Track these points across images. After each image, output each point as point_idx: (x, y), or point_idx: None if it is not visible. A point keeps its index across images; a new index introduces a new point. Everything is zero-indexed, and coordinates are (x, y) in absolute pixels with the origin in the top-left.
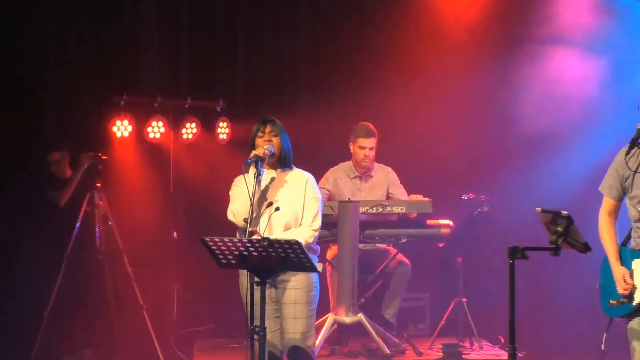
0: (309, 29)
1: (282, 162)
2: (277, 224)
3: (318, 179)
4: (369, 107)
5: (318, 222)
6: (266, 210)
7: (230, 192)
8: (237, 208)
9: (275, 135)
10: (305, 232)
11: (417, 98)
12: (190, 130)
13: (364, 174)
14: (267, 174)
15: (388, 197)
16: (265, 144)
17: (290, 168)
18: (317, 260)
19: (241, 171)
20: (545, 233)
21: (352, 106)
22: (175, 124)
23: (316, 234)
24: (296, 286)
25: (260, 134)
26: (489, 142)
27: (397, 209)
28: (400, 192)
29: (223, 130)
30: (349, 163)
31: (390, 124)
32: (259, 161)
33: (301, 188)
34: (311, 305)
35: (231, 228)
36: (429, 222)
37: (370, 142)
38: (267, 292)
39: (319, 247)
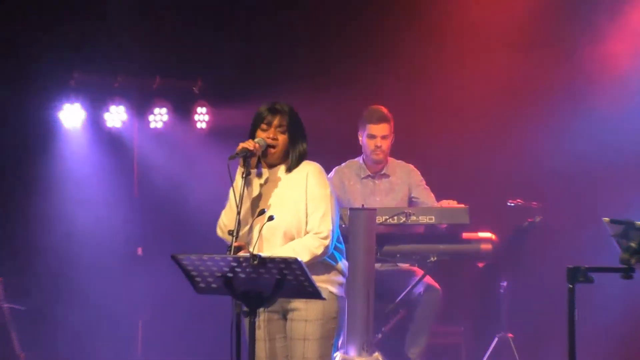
0: None
1: (290, 162)
2: (275, 236)
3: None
4: (387, 92)
5: (328, 225)
6: (258, 220)
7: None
8: (224, 220)
9: (284, 132)
10: (310, 243)
11: (448, 82)
12: (159, 117)
13: (378, 172)
14: (263, 174)
15: (411, 203)
16: (268, 141)
17: (297, 167)
18: (344, 277)
19: (237, 171)
20: (615, 249)
21: (364, 91)
22: (140, 109)
23: (327, 242)
24: (307, 317)
25: (264, 125)
26: (539, 137)
27: (424, 219)
28: (426, 196)
29: (202, 117)
30: (358, 160)
31: (413, 113)
32: (248, 157)
33: (302, 184)
34: (327, 342)
35: (219, 244)
36: (465, 235)
37: (382, 129)
38: (275, 324)
39: (343, 251)
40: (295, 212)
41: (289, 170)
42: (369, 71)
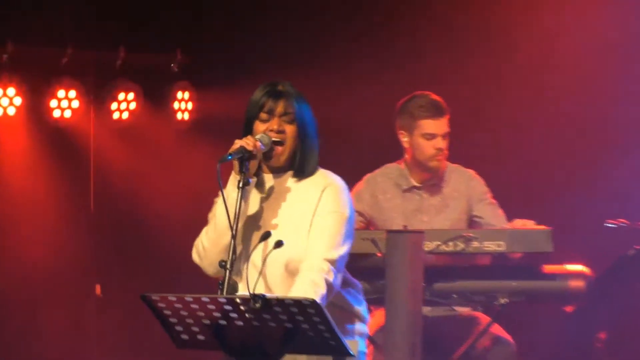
0: None
1: (299, 166)
2: (274, 267)
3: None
4: (423, 73)
5: (338, 250)
6: (260, 245)
7: (210, 214)
8: (205, 242)
9: (291, 122)
10: (313, 274)
11: (510, 64)
12: (125, 105)
13: (427, 181)
14: (266, 182)
15: (472, 224)
16: (273, 136)
17: (311, 173)
18: (366, 321)
19: (220, 177)
20: None
21: (393, 72)
22: (99, 93)
23: (331, 277)
24: None
25: (263, 115)
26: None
27: (490, 245)
28: (493, 214)
29: (183, 104)
30: (397, 165)
31: (459, 103)
32: (246, 159)
33: (313, 200)
34: None
35: (208, 280)
36: (548, 268)
37: (442, 125)
38: None
39: (359, 288)
40: (302, 236)
41: (300, 176)
42: (416, 46)
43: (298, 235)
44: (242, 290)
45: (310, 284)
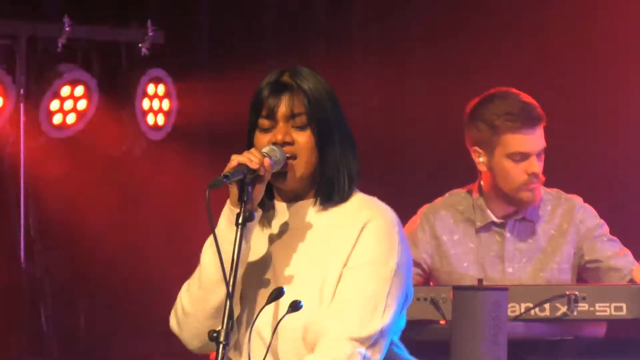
0: None
1: (323, 190)
2: (289, 337)
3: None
4: (480, 62)
5: (374, 323)
6: (269, 306)
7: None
8: (185, 303)
9: (303, 127)
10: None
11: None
12: (70, 102)
13: (514, 216)
14: (276, 214)
15: (586, 272)
16: (273, 150)
17: (343, 199)
18: None
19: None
20: None
21: (446, 59)
22: (32, 87)
23: (368, 353)
24: None
25: (263, 121)
26: None
27: (603, 309)
28: (615, 254)
29: (156, 103)
30: (468, 193)
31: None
32: (248, 183)
33: (348, 241)
34: None
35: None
36: None
37: (536, 141)
38: None
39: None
40: (327, 294)
41: (326, 204)
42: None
43: (322, 292)
44: None
45: None
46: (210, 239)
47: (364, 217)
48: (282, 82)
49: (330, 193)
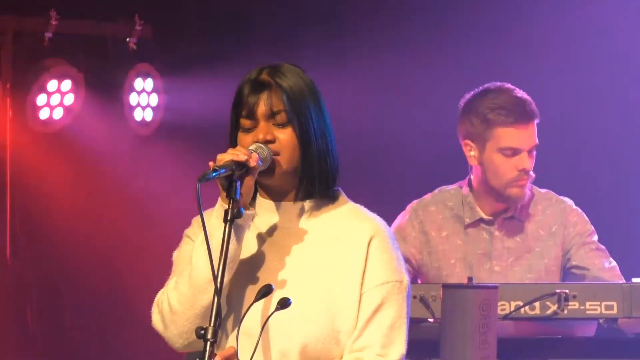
0: None
1: (304, 184)
2: (283, 344)
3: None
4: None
5: (399, 347)
6: (258, 303)
7: (174, 257)
8: (173, 302)
9: (283, 124)
10: None
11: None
12: (57, 97)
13: (500, 213)
14: (264, 212)
15: (569, 276)
16: (260, 148)
17: (331, 199)
18: None
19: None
20: None
21: (447, 55)
22: (18, 81)
23: None
24: None
25: (244, 121)
26: None
27: (594, 307)
28: (598, 265)
29: (144, 98)
30: (458, 189)
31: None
32: (236, 179)
33: (358, 256)
34: None
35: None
36: None
37: (529, 136)
38: None
39: None
40: (330, 302)
41: (315, 209)
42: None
43: (326, 307)
44: None
45: None
46: (201, 237)
47: (365, 232)
48: (260, 80)
49: (311, 188)
